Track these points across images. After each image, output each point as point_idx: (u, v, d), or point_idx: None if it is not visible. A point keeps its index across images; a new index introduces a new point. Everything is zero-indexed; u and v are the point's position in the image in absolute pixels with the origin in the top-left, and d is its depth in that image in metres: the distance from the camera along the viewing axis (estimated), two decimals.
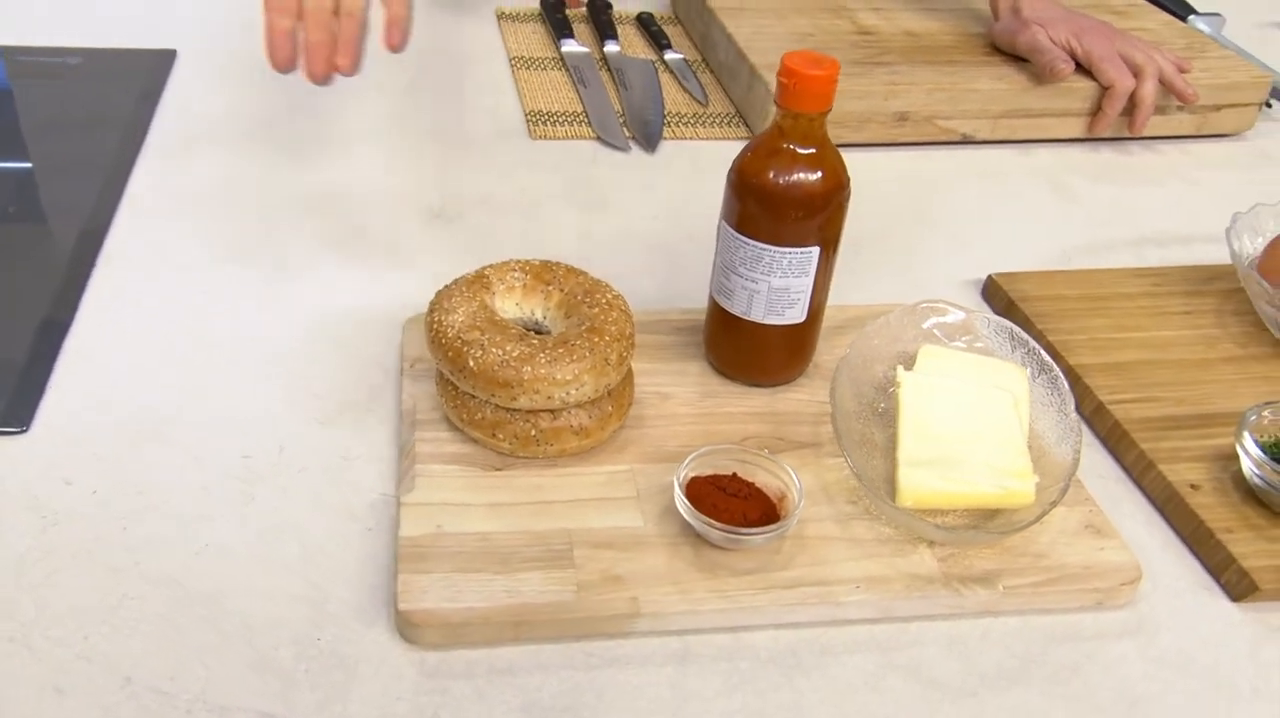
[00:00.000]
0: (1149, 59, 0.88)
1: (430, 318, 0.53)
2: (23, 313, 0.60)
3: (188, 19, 0.98)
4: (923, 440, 0.53)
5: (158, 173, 0.75)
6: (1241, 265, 0.66)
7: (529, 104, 0.87)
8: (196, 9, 1.00)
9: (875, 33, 0.93)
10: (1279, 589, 0.51)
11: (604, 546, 0.49)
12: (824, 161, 0.53)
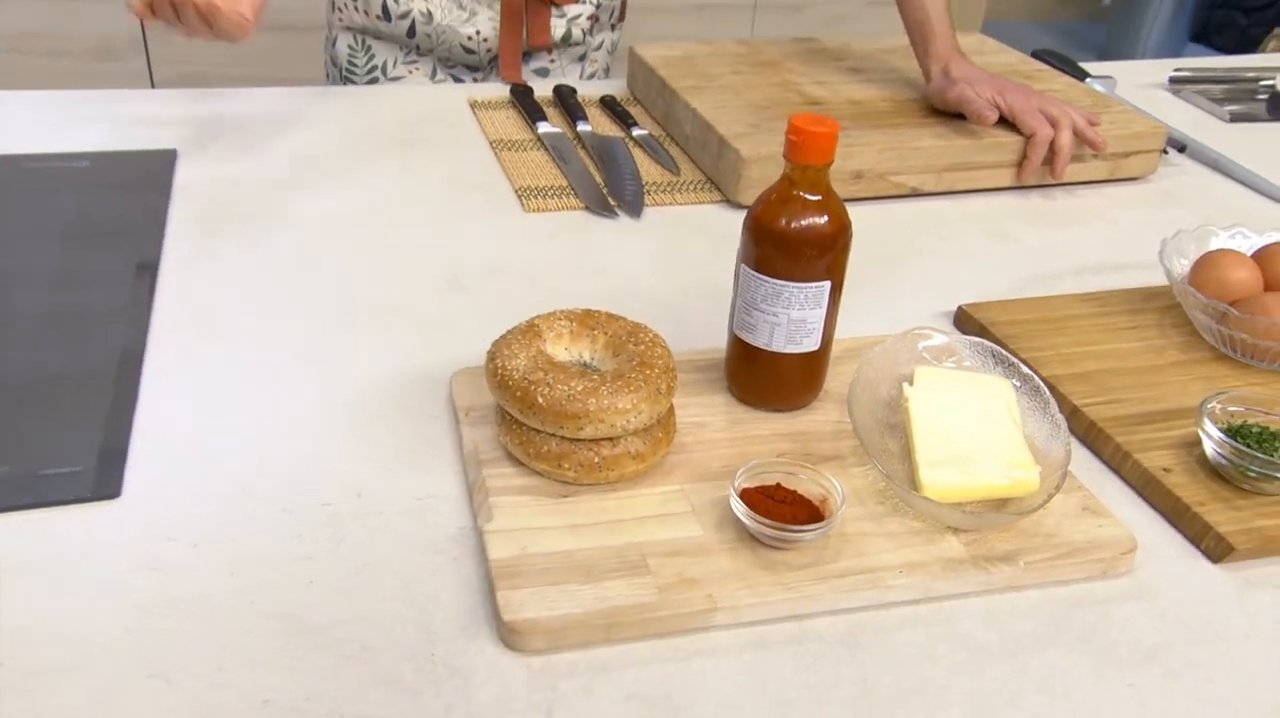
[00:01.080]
0: (1063, 112, 0.99)
1: (493, 365, 0.59)
2: (91, 391, 0.64)
3: (180, 120, 1.03)
4: (936, 443, 0.60)
5: (188, 258, 0.80)
6: (1176, 282, 0.76)
7: (517, 181, 0.94)
8: (186, 110, 1.05)
9: (823, 102, 1.02)
10: (1252, 549, 0.59)
11: (673, 554, 0.54)
12: (830, 207, 0.61)
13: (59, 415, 0.62)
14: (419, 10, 1.15)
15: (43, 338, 0.68)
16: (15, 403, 0.62)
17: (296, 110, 1.08)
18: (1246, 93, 1.31)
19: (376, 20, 1.18)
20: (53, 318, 0.70)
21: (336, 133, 1.03)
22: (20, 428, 0.61)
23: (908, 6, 1.02)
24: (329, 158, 0.98)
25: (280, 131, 1.03)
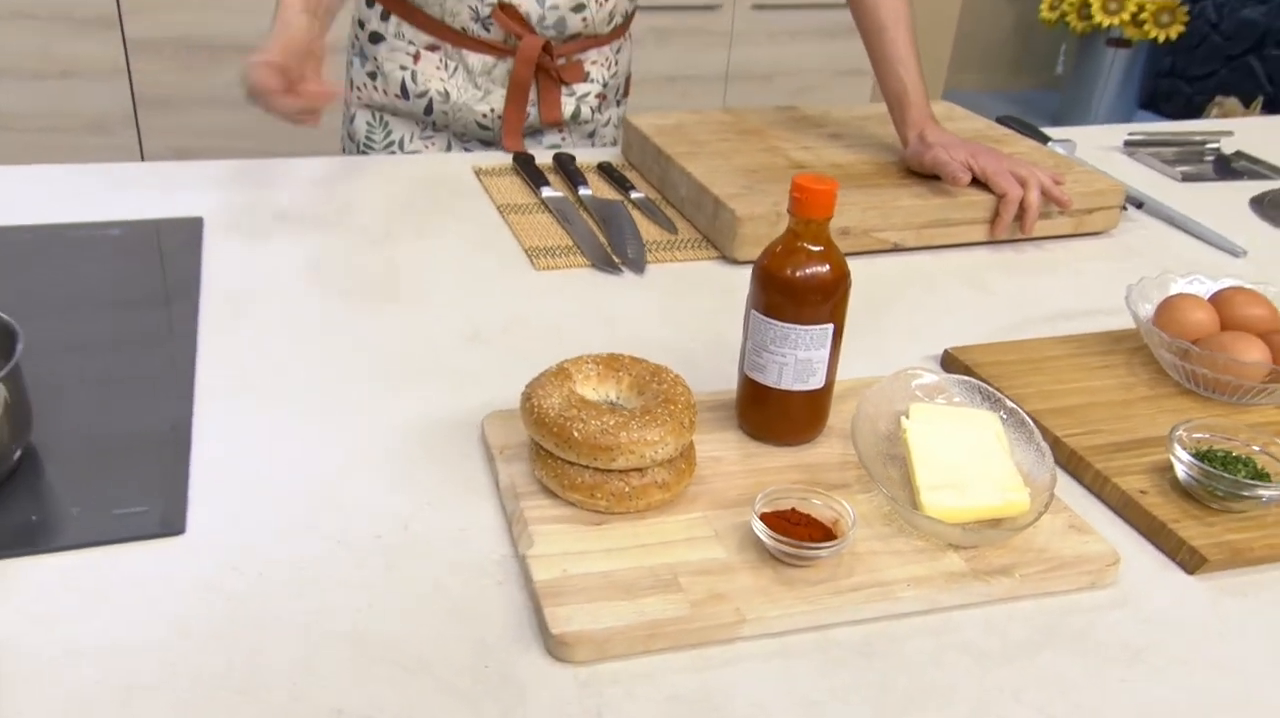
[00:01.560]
0: (1031, 173, 1.07)
1: (529, 404, 0.64)
2: (148, 441, 0.68)
3: (202, 189, 1.08)
4: (934, 470, 0.66)
5: (224, 318, 0.85)
6: (1142, 323, 0.82)
7: (526, 242, 1.00)
8: (207, 179, 1.11)
9: (807, 166, 1.10)
10: (1223, 560, 0.64)
11: (702, 573, 0.59)
12: (831, 257, 0.67)
13: (123, 463, 0.66)
14: (436, 90, 1.22)
15: (100, 394, 0.73)
16: (82, 454, 0.67)
17: (313, 179, 1.14)
18: (1195, 155, 1.41)
19: (395, 99, 1.24)
20: (107, 377, 0.75)
21: (352, 199, 1.09)
22: (89, 475, 0.65)
23: (886, 77, 1.11)
24: (347, 223, 1.04)
25: (299, 199, 1.09)
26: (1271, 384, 0.78)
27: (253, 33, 2.55)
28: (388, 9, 1.23)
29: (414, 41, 1.22)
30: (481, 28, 1.19)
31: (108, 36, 2.50)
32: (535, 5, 1.17)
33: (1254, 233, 1.18)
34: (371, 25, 1.25)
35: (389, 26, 1.23)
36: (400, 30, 1.22)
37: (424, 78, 1.23)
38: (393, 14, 1.22)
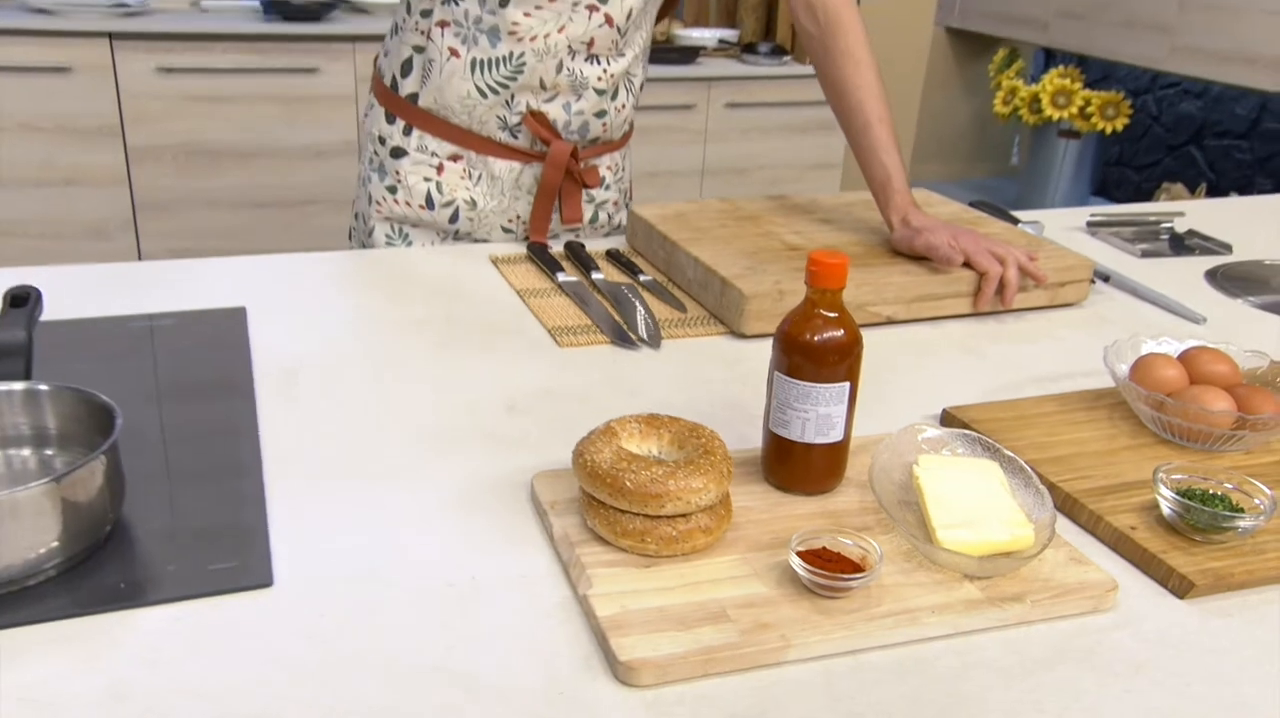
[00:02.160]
0: (1008, 252, 1.16)
1: (582, 459, 0.71)
2: (229, 508, 0.74)
3: (240, 282, 1.15)
4: (946, 511, 0.73)
5: (279, 398, 0.91)
6: (1120, 380, 0.91)
7: (548, 322, 1.08)
8: (241, 273, 1.18)
9: (801, 248, 1.19)
10: (1209, 585, 0.72)
11: (746, 606, 0.66)
12: (845, 323, 0.75)
13: (206, 526, 0.72)
14: (463, 199, 1.30)
15: (177, 466, 0.79)
16: (168, 519, 0.72)
17: (338, 271, 1.22)
18: (1152, 233, 1.52)
19: (419, 210, 1.30)
20: (181, 449, 0.81)
21: (378, 288, 1.17)
22: (177, 537, 0.71)
23: (871, 166, 1.21)
24: (379, 308, 1.11)
25: (329, 289, 1.16)
26: (1238, 431, 0.86)
27: (249, 138, 2.66)
28: (410, 123, 1.30)
29: (437, 153, 1.29)
30: (509, 135, 1.27)
31: (110, 145, 2.59)
32: (562, 112, 1.26)
33: (1211, 302, 1.28)
34: (393, 141, 1.30)
35: (411, 140, 1.29)
36: (423, 143, 1.29)
37: (449, 188, 1.30)
38: (415, 128, 1.29)
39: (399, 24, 1.29)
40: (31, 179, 2.57)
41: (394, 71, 1.29)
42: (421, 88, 1.27)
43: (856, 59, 1.20)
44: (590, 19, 1.20)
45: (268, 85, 2.65)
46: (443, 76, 1.24)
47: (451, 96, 1.25)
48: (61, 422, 0.73)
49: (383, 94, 1.32)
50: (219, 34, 2.58)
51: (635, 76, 1.31)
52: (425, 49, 1.25)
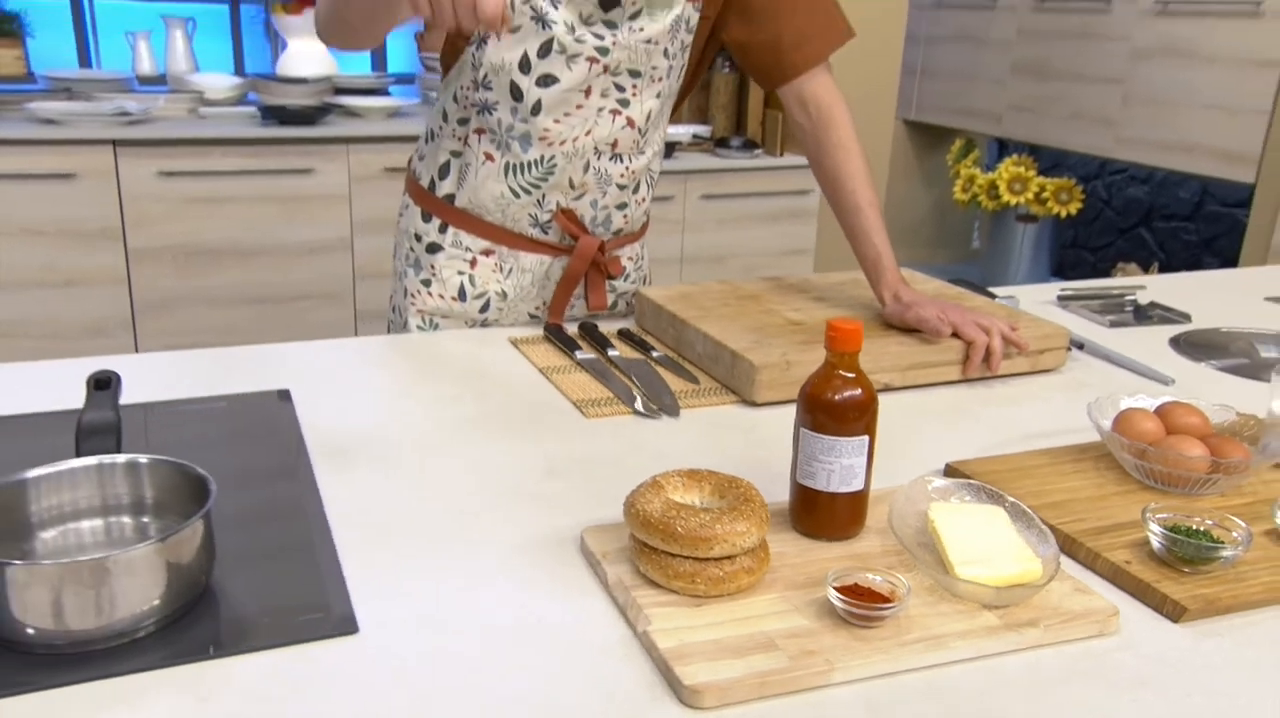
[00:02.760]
0: (992, 323, 1.26)
1: (635, 510, 0.78)
2: (307, 567, 0.80)
3: (280, 367, 1.22)
4: (962, 549, 0.80)
5: (336, 468, 0.98)
6: (1104, 432, 1.00)
7: (572, 395, 1.16)
8: (276, 360, 1.25)
9: (802, 323, 1.29)
10: (1199, 609, 0.79)
11: (791, 636, 0.73)
12: (862, 382, 0.84)
13: (289, 583, 0.78)
14: (494, 291, 1.38)
15: (254, 530, 0.85)
16: (256, 579, 0.79)
17: (370, 355, 1.29)
18: (1117, 305, 1.64)
19: (451, 302, 1.38)
20: (255, 516, 0.87)
21: (409, 370, 1.24)
22: (265, 592, 0.77)
23: (863, 247, 1.31)
24: (413, 388, 1.19)
25: (364, 371, 1.23)
26: (1213, 475, 0.95)
27: (246, 237, 2.74)
28: (446, 221, 1.37)
29: (470, 248, 1.37)
30: (540, 231, 1.36)
31: (111, 247, 2.67)
32: (589, 208, 1.36)
33: (1176, 366, 1.38)
34: (429, 238, 1.38)
35: (447, 237, 1.37)
36: (458, 239, 1.37)
37: (481, 281, 1.38)
38: (450, 225, 1.37)
39: (435, 131, 1.38)
40: (33, 281, 2.63)
41: (432, 174, 1.38)
42: (458, 189, 1.35)
43: (847, 149, 1.32)
44: (614, 122, 1.31)
45: (265, 186, 2.75)
46: (478, 179, 1.33)
47: (486, 197, 1.34)
48: (158, 492, 0.79)
49: (419, 194, 1.40)
50: (218, 139, 2.69)
51: (653, 171, 1.41)
52: (462, 154, 1.34)
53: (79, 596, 0.67)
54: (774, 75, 1.36)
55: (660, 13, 1.26)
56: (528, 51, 1.24)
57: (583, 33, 1.24)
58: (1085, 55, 3.95)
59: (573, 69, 1.25)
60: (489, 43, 1.25)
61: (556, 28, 1.22)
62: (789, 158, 3.30)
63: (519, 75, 1.25)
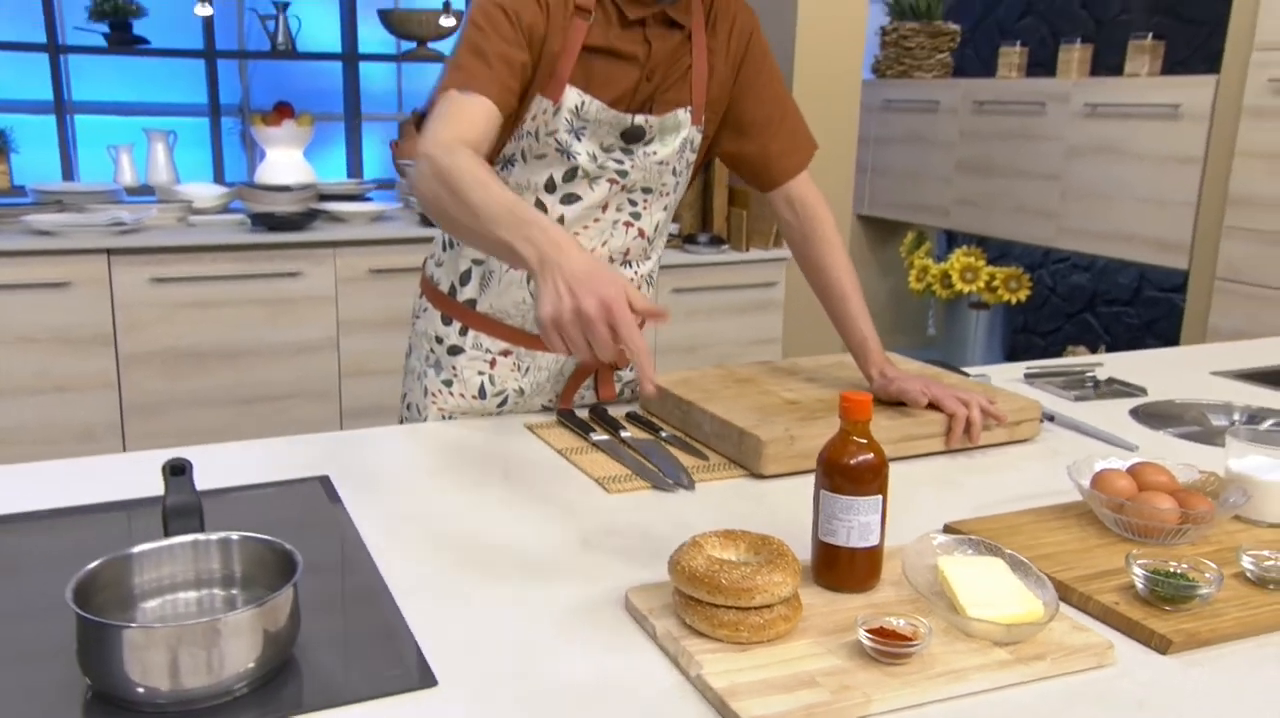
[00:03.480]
0: (971, 397, 1.38)
1: (680, 567, 0.87)
2: (376, 627, 0.88)
3: (312, 455, 1.30)
4: (971, 593, 0.90)
5: (382, 544, 1.05)
6: (1085, 490, 1.11)
7: (593, 473, 1.24)
8: (306, 451, 1.33)
9: (798, 402, 1.39)
10: (1184, 642, 0.89)
11: (829, 674, 0.81)
12: (874, 448, 0.94)
13: (364, 644, 0.85)
14: (512, 388, 1.47)
15: (322, 600, 0.92)
16: (336, 642, 0.86)
17: (394, 445, 1.37)
18: (1079, 381, 1.77)
19: (472, 400, 1.46)
20: (321, 587, 0.94)
21: (435, 455, 1.33)
22: (349, 654, 0.84)
23: (850, 331, 1.43)
24: (443, 473, 1.27)
25: (391, 457, 1.31)
26: (1183, 526, 1.06)
27: (235, 339, 2.81)
28: (467, 324, 1.46)
29: (490, 349, 1.45)
30: None
31: (103, 353, 2.72)
32: None
33: (1138, 434, 1.50)
34: (450, 340, 1.47)
35: (467, 339, 1.46)
36: (478, 341, 1.45)
37: (501, 379, 1.47)
38: (471, 328, 1.45)
39: (455, 240, 1.46)
40: (26, 388, 2.67)
41: (453, 280, 1.46)
42: (480, 294, 1.44)
43: (830, 243, 1.45)
44: (627, 233, 1.43)
45: (253, 289, 2.84)
46: (501, 285, 1.42)
47: (508, 302, 1.43)
48: (246, 566, 0.86)
49: (439, 299, 1.48)
50: (210, 245, 2.78)
51: (654, 272, 1.53)
52: (484, 262, 1.43)
53: (192, 656, 0.74)
54: (764, 181, 1.49)
55: (670, 136, 1.39)
56: (553, 175, 1.35)
57: (604, 159, 1.36)
58: (1024, 154, 4.19)
59: (594, 189, 1.36)
60: (515, 165, 1.36)
61: (580, 158, 1.35)
62: (754, 253, 3.46)
63: (544, 194, 1.36)
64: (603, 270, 0.98)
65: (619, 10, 1.33)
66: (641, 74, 1.35)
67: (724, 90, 1.45)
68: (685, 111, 1.40)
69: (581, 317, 0.96)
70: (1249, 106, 3.25)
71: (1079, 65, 4.05)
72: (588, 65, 1.32)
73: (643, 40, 1.35)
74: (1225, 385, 1.78)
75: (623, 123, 1.36)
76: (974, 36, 5.07)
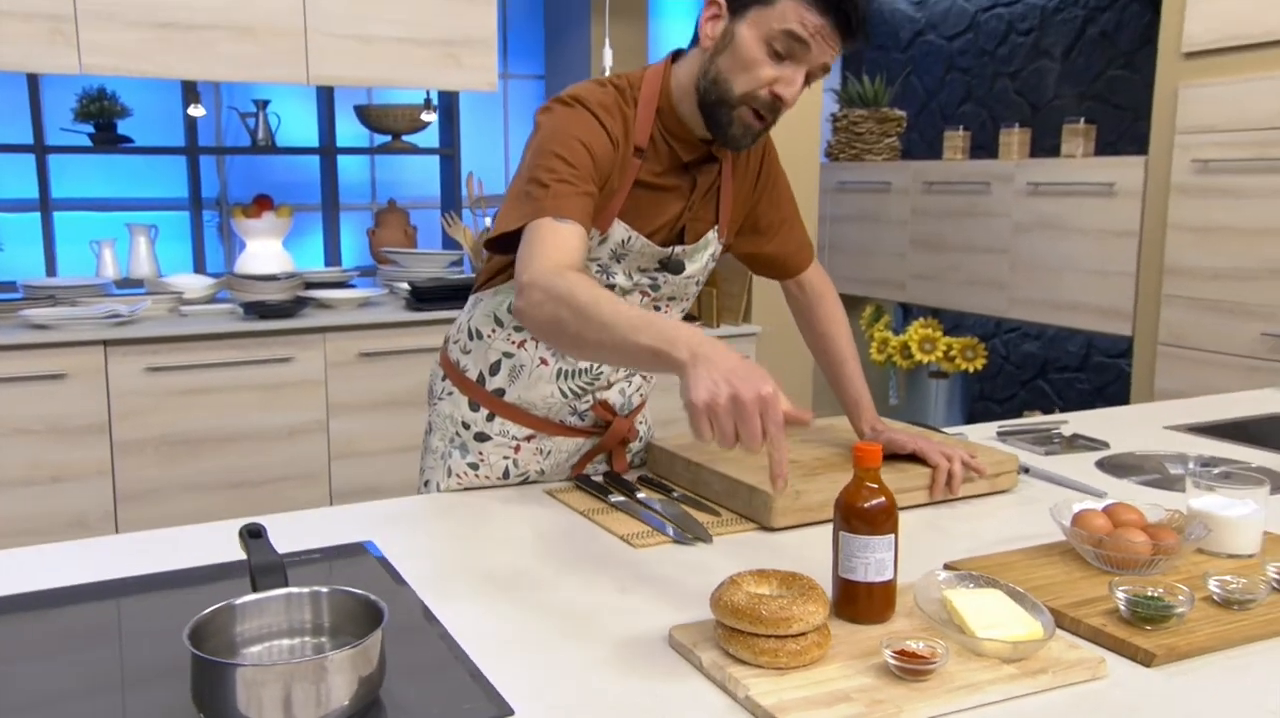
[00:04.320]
0: (953, 451, 1.51)
1: (722, 602, 0.97)
2: (446, 671, 0.97)
3: (342, 525, 1.39)
4: (978, 618, 1.01)
5: (444, 602, 1.14)
6: (1066, 528, 1.23)
7: (618, 531, 1.35)
8: (351, 518, 1.41)
9: (798, 461, 1.51)
10: (1165, 656, 1.01)
11: (862, 691, 0.92)
12: (885, 492, 1.06)
13: (445, 684, 0.94)
14: (534, 469, 1.57)
15: (406, 657, 1.00)
16: (417, 683, 0.94)
17: (424, 513, 1.47)
18: (1048, 438, 1.91)
19: (496, 480, 1.55)
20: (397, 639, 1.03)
21: (464, 522, 1.42)
22: (429, 693, 0.93)
23: (844, 390, 1.57)
24: (475, 536, 1.36)
25: (426, 526, 1.40)
26: (1155, 557, 1.19)
27: (227, 425, 2.87)
28: (494, 412, 1.54)
29: (515, 436, 1.55)
30: (578, 419, 1.55)
31: (97, 442, 2.78)
32: (619, 396, 1.57)
33: (1105, 482, 1.64)
34: (477, 427, 1.55)
35: (494, 426, 1.55)
36: (504, 428, 1.54)
37: (524, 462, 1.56)
38: (498, 416, 1.54)
39: (483, 332, 1.53)
40: (19, 479, 2.71)
41: (481, 369, 1.54)
42: (509, 385, 1.53)
43: (834, 318, 1.60)
44: None
45: (245, 376, 2.91)
46: (530, 379, 1.52)
47: (535, 395, 1.53)
48: (334, 617, 0.95)
49: (466, 385, 1.56)
50: (203, 334, 2.86)
51: None
52: (515, 355, 1.51)
53: (302, 692, 0.83)
54: (782, 273, 1.64)
55: (699, 254, 1.51)
56: None
57: (639, 278, 1.48)
58: (973, 230, 4.42)
59: (628, 300, 1.48)
60: None
61: (618, 278, 1.46)
62: (724, 328, 3.60)
63: None
64: (757, 368, 1.04)
65: (671, 151, 1.42)
66: (684, 207, 1.46)
67: (745, 204, 1.56)
68: (713, 231, 1.52)
69: (738, 404, 1.01)
70: (1176, 184, 3.49)
71: (1019, 147, 4.31)
72: (636, 199, 1.41)
73: (689, 178, 1.45)
74: (1178, 438, 1.94)
75: (661, 254, 1.46)
76: (919, 121, 5.34)
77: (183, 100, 3.68)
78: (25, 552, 1.31)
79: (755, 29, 1.31)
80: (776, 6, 1.29)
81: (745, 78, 1.33)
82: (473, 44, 3.31)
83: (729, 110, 1.35)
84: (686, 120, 1.41)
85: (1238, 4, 3.28)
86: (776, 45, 1.30)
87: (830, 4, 1.28)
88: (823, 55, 1.32)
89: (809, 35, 1.29)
